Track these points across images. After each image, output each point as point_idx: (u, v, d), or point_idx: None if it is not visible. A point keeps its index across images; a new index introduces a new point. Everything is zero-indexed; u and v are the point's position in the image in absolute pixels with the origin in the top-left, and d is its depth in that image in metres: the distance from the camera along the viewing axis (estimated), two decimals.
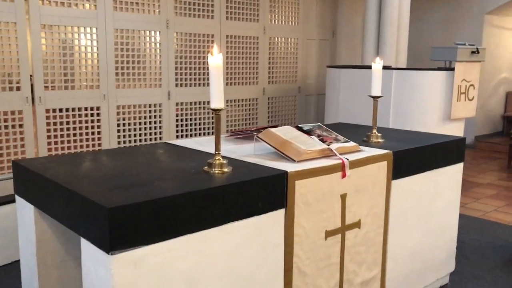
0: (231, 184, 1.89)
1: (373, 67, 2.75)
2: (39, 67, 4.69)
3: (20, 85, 4.61)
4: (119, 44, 5.22)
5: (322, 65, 7.29)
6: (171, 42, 5.63)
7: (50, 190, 1.91)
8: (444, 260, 3.06)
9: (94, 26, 5.06)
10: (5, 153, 4.57)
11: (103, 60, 5.12)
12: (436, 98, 5.14)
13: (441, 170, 2.88)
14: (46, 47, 4.76)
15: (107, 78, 5.19)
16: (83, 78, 5.10)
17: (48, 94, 4.81)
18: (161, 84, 5.66)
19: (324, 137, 2.44)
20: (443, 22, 8.32)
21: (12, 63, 4.54)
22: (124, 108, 5.37)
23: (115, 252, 1.58)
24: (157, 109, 5.65)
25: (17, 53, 4.55)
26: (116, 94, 5.28)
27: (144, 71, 5.52)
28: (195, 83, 5.92)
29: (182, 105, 5.85)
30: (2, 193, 3.82)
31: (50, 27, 4.80)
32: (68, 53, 4.93)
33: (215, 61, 1.98)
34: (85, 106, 5.08)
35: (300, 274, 2.19)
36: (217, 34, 6.07)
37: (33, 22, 4.64)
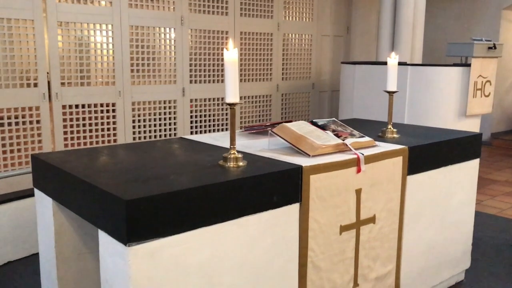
0: (246, 178, 1.90)
1: (388, 62, 2.74)
2: (56, 63, 4.75)
3: (37, 82, 4.66)
4: (134, 41, 5.26)
5: (336, 61, 7.26)
6: (185, 39, 5.66)
7: (69, 183, 1.94)
8: (459, 256, 3.04)
9: (110, 23, 5.10)
10: (23, 149, 4.63)
11: (118, 57, 5.16)
12: (451, 94, 5.10)
13: (457, 166, 2.85)
14: (63, 44, 4.82)
15: (122, 75, 5.23)
16: (98, 75, 5.15)
17: (65, 91, 4.87)
18: (175, 81, 5.69)
19: (339, 132, 2.44)
20: (459, 18, 8.23)
21: (29, 60, 4.60)
22: (139, 105, 5.41)
23: (132, 243, 1.60)
24: (171, 105, 5.68)
25: (34, 50, 4.60)
26: (131, 91, 5.32)
27: (159, 68, 5.55)
28: (209, 80, 5.94)
29: (196, 102, 5.87)
30: (20, 187, 3.89)
31: (67, 24, 4.85)
32: (84, 50, 4.98)
33: (230, 56, 2.00)
34: (101, 102, 5.13)
35: (315, 269, 2.19)
36: (231, 30, 6.08)
37: (50, 19, 4.69)
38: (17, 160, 4.58)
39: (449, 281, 3.05)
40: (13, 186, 4.02)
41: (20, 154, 4.61)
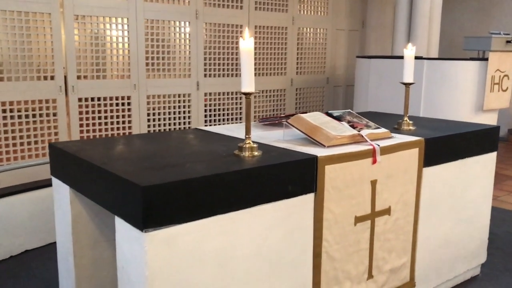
0: (261, 167, 1.91)
1: (405, 54, 2.71)
2: (72, 57, 4.79)
3: (54, 75, 4.71)
4: (150, 35, 5.29)
5: (351, 56, 7.21)
6: (200, 33, 5.67)
7: (86, 171, 1.96)
8: (475, 250, 3.01)
9: (126, 16, 5.12)
10: (40, 141, 4.69)
11: (133, 50, 5.19)
12: (468, 88, 5.04)
13: (474, 159, 2.83)
14: (79, 37, 4.86)
15: (137, 68, 5.26)
16: (114, 68, 5.19)
17: (81, 84, 4.91)
18: (190, 75, 5.70)
19: (355, 123, 2.43)
20: (476, 12, 8.11)
21: (46, 53, 4.65)
22: (154, 98, 5.44)
23: (148, 229, 1.61)
24: (186, 99, 5.70)
25: (51, 43, 4.65)
26: (146, 84, 5.35)
27: (174, 62, 5.57)
28: (223, 74, 5.94)
29: (210, 95, 5.88)
30: (36, 178, 3.94)
31: (83, 17, 4.88)
32: (100, 44, 5.01)
33: (246, 45, 2.00)
34: (116, 96, 5.16)
35: (329, 259, 2.19)
36: (245, 24, 6.07)
37: (66, 13, 4.73)
38: (34, 152, 4.64)
39: (464, 275, 3.03)
40: (31, 176, 4.07)
41: (37, 146, 4.67)
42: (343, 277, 2.27)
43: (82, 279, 2.24)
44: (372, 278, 2.40)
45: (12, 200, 3.38)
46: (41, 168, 4.00)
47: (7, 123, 4.40)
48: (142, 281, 1.66)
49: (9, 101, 4.38)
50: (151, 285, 1.65)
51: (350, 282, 2.30)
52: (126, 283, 1.78)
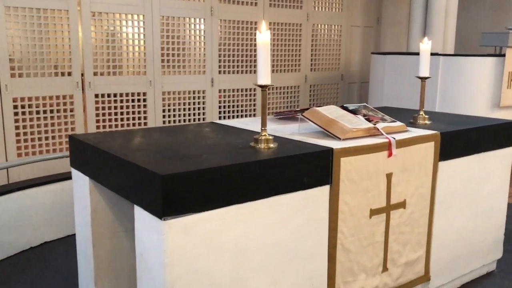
0: (278, 158, 1.93)
1: (421, 48, 2.71)
2: (89, 53, 4.85)
3: (71, 71, 4.78)
4: (165, 31, 5.33)
5: (366, 52, 7.19)
6: (215, 30, 5.70)
7: (106, 162, 2.00)
8: (491, 246, 3.00)
9: (141, 13, 5.18)
10: (57, 136, 4.77)
11: (149, 47, 5.24)
12: (484, 85, 5.00)
13: (490, 154, 2.81)
14: (96, 34, 4.92)
15: (153, 65, 5.31)
16: (130, 65, 5.24)
17: (97, 80, 4.97)
18: (204, 71, 5.74)
19: (370, 117, 2.44)
20: (493, 8, 8.03)
21: (64, 50, 4.72)
22: (169, 94, 5.49)
23: (167, 218, 1.65)
24: (200, 95, 5.74)
25: (68, 40, 4.72)
26: (161, 81, 5.40)
27: (189, 58, 5.61)
28: (237, 70, 5.97)
29: (224, 92, 5.92)
30: (54, 171, 4.01)
31: (100, 14, 4.94)
32: (116, 40, 5.07)
33: (263, 38, 2.02)
34: (132, 92, 5.22)
35: (344, 251, 2.20)
36: (260, 21, 6.06)
37: (84, 10, 4.80)
38: (52, 147, 4.71)
39: (480, 271, 3.02)
40: (48, 170, 4.15)
41: (55, 141, 4.74)
42: (358, 269, 2.28)
43: (101, 269, 2.28)
44: (387, 271, 2.40)
45: (32, 193, 3.45)
46: (58, 162, 4.07)
47: (25, 118, 4.48)
48: (160, 268, 1.70)
49: (27, 97, 4.46)
50: (169, 272, 1.69)
51: (365, 275, 2.31)
52: (144, 271, 1.81)
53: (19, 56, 4.42)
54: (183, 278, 1.72)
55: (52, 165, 4.27)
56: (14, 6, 4.33)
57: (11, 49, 4.35)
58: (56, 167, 4.25)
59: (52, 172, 4.05)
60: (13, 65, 4.37)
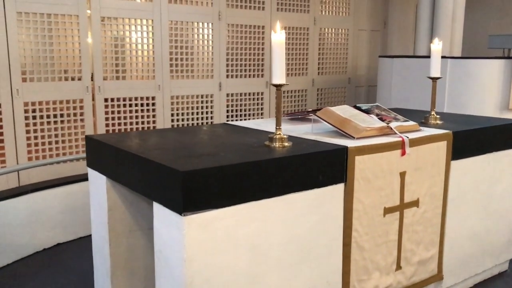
0: (293, 156, 1.95)
1: (432, 48, 2.73)
2: (99, 58, 4.90)
3: (81, 75, 4.83)
4: (174, 36, 5.37)
5: (373, 56, 7.21)
6: (222, 34, 5.74)
7: (124, 161, 2.03)
8: (503, 246, 3.00)
9: (150, 18, 5.22)
10: (67, 140, 4.80)
11: (158, 52, 5.28)
12: (493, 87, 5.01)
13: (501, 153, 2.83)
14: (105, 38, 4.96)
15: (162, 69, 5.35)
16: (139, 69, 5.29)
17: (107, 84, 5.01)
18: (212, 76, 5.78)
19: (383, 116, 2.46)
20: (500, 11, 8.04)
21: (74, 54, 4.76)
22: (177, 99, 5.52)
23: (187, 213, 1.67)
24: (208, 99, 5.77)
25: (78, 44, 4.76)
26: (170, 85, 5.43)
27: (197, 63, 5.65)
28: (245, 74, 6.00)
29: (232, 96, 5.95)
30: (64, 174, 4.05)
31: (109, 19, 4.99)
32: (126, 45, 5.12)
33: (278, 38, 2.05)
34: (141, 96, 5.26)
35: (359, 249, 2.22)
36: (267, 25, 6.13)
37: (93, 15, 4.85)
38: (62, 151, 4.75)
39: (492, 270, 3.02)
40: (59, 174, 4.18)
41: (65, 145, 4.78)
42: (372, 267, 2.29)
43: (117, 267, 2.30)
44: (400, 269, 2.42)
45: (45, 195, 3.48)
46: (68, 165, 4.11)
47: (36, 123, 4.52)
48: (179, 264, 1.72)
49: (38, 101, 4.51)
50: (188, 268, 1.71)
51: (379, 273, 2.32)
52: (163, 267, 1.83)
53: (30, 61, 4.47)
54: (201, 273, 1.74)
55: (62, 169, 4.31)
56: (26, 12, 4.38)
57: (23, 54, 4.40)
58: (65, 170, 4.28)
59: (62, 175, 4.08)
60: (24, 70, 4.42)
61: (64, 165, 4.59)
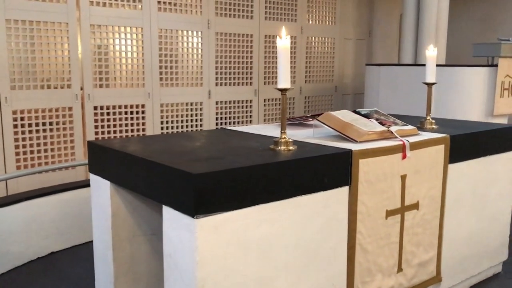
0: (301, 159, 1.97)
1: (427, 54, 2.80)
2: (88, 65, 4.87)
3: (70, 83, 4.79)
4: (163, 44, 5.38)
5: (359, 64, 7.32)
6: (211, 42, 5.77)
7: (131, 165, 2.02)
8: (497, 248, 3.06)
9: (140, 26, 5.22)
10: (56, 148, 4.75)
11: (147, 60, 5.28)
12: (478, 94, 5.12)
13: (496, 157, 2.90)
14: (95, 46, 4.95)
15: (151, 77, 5.34)
16: (129, 77, 5.27)
17: (96, 92, 4.99)
18: (202, 83, 5.79)
19: (383, 121, 2.50)
20: (482, 20, 8.25)
21: (63, 62, 4.73)
22: (167, 106, 5.52)
23: (199, 216, 1.67)
24: (198, 107, 5.78)
25: (68, 52, 4.73)
26: (160, 93, 5.43)
27: (187, 71, 5.66)
28: (234, 82, 6.04)
29: (221, 104, 5.97)
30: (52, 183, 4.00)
31: (99, 27, 4.98)
32: (116, 53, 5.10)
33: (283, 43, 2.08)
34: (131, 104, 5.24)
35: (362, 251, 2.24)
36: (256, 34, 6.18)
37: (83, 22, 4.83)
38: (51, 160, 4.70)
39: (487, 272, 3.08)
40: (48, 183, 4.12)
41: (54, 153, 4.73)
42: (375, 269, 2.32)
43: (120, 273, 2.28)
44: (401, 271, 2.45)
45: (38, 203, 3.43)
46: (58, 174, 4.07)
47: (25, 131, 4.46)
48: (191, 267, 1.72)
49: (27, 109, 4.45)
50: (200, 271, 1.71)
51: (381, 275, 2.35)
52: (173, 271, 1.83)
53: (18, 69, 4.42)
54: (213, 276, 1.74)
55: (52, 177, 4.27)
56: (15, 19, 4.34)
57: (11, 62, 4.35)
58: (55, 178, 4.24)
59: (50, 184, 4.03)
60: (13, 78, 4.37)
61: (54, 173, 4.54)
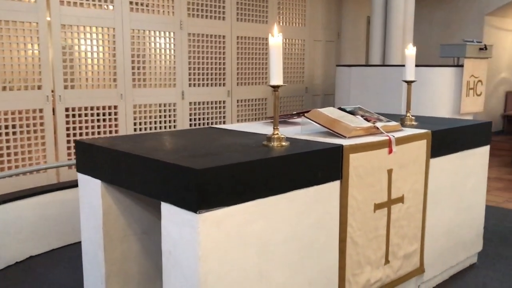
0: (297, 154, 2.01)
1: (406, 53, 2.89)
2: (59, 66, 4.77)
3: (41, 84, 4.68)
4: (136, 45, 5.32)
5: (328, 66, 7.45)
6: (184, 43, 5.75)
7: (125, 163, 2.00)
8: (473, 239, 3.19)
9: (112, 26, 5.15)
10: (27, 151, 4.63)
11: (120, 60, 5.21)
12: (445, 93, 5.31)
13: (470, 152, 3.02)
14: (66, 47, 4.85)
15: (124, 78, 5.27)
16: (101, 78, 5.19)
17: (68, 93, 4.89)
18: (175, 84, 5.76)
19: (368, 117, 2.57)
20: (444, 24, 8.55)
21: (33, 62, 4.62)
22: (140, 107, 5.46)
23: (202, 211, 1.68)
24: (171, 108, 5.75)
25: (38, 52, 4.62)
26: (132, 94, 5.37)
27: (160, 71, 5.62)
28: (207, 83, 6.03)
29: (195, 105, 5.95)
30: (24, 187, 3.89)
31: (70, 27, 4.88)
32: (87, 53, 5.01)
33: (275, 40, 2.11)
34: (103, 105, 5.16)
35: (353, 244, 2.30)
36: (228, 35, 6.20)
37: (53, 22, 4.72)
38: (21, 163, 4.57)
39: (464, 263, 3.20)
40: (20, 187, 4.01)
41: (24, 156, 4.60)
42: (365, 261, 2.38)
43: (111, 273, 2.26)
44: (388, 263, 2.52)
45: (14, 206, 3.33)
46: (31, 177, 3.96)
47: None
48: (193, 262, 1.72)
49: None
50: (203, 266, 1.71)
51: (370, 267, 2.41)
52: (173, 267, 1.82)
53: None
54: (215, 271, 1.75)
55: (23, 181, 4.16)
56: None
57: None
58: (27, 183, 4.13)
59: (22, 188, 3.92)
60: None
61: (25, 177, 4.41)
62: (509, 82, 8.99)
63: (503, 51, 8.69)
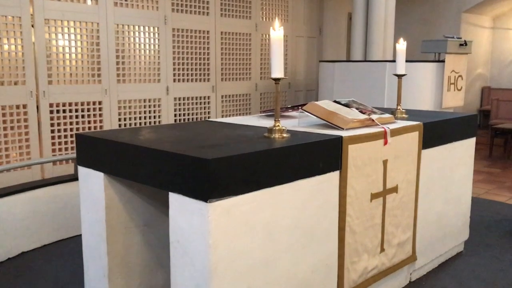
0: (299, 145, 2.06)
1: (397, 47, 2.97)
2: (43, 61, 4.72)
3: (25, 80, 4.62)
4: (120, 40, 5.30)
5: (310, 62, 7.53)
6: (168, 38, 5.74)
7: (130, 155, 2.01)
8: (460, 228, 3.29)
9: (96, 21, 5.11)
10: (11, 147, 4.57)
11: (104, 55, 5.17)
12: (427, 88, 5.44)
13: (458, 143, 3.12)
14: (50, 41, 4.79)
15: (108, 73, 5.24)
16: (85, 73, 5.14)
17: (52, 89, 4.83)
18: (160, 79, 5.75)
19: (362, 109, 2.64)
20: (422, 21, 8.73)
21: (17, 58, 4.55)
22: (125, 103, 5.43)
23: (212, 200, 1.71)
24: (156, 103, 5.74)
25: (21, 47, 4.56)
26: (117, 89, 5.34)
27: (145, 66, 5.60)
28: (192, 79, 6.04)
29: (179, 100, 5.95)
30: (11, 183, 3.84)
31: (54, 21, 4.83)
32: (71, 48, 4.96)
33: (276, 34, 2.15)
34: (88, 101, 5.12)
35: (351, 232, 2.36)
36: (212, 30, 6.21)
37: (37, 17, 4.66)
38: (5, 160, 4.51)
39: (452, 251, 3.30)
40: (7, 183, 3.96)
41: (8, 152, 4.54)
42: (362, 250, 2.44)
43: (114, 265, 2.26)
44: (384, 251, 2.59)
45: (5, 202, 3.29)
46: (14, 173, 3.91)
47: None
48: (203, 251, 1.75)
49: None
50: (213, 254, 1.74)
51: (367, 255, 2.48)
52: (181, 257, 1.85)
53: None
54: (224, 259, 1.78)
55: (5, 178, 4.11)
56: None
57: None
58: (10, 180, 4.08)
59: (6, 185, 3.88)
60: None
61: (8, 173, 4.36)
62: (485, 77, 9.24)
63: (478, 47, 8.92)
